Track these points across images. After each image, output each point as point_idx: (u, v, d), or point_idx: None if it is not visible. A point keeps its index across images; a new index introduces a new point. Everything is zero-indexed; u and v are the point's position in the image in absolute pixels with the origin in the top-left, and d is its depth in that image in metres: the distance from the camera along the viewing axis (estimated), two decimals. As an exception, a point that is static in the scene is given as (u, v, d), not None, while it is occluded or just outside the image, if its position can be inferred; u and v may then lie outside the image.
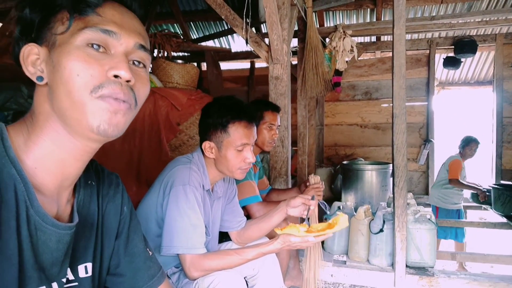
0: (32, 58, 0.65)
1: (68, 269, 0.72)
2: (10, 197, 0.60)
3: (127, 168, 3.12)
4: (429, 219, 2.34)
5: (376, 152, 5.47)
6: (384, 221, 2.36)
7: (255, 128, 1.50)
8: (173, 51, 4.49)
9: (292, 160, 4.66)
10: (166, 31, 4.59)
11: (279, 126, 2.28)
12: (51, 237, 0.66)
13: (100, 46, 0.64)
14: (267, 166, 3.36)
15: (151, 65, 3.85)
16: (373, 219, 2.43)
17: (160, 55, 4.24)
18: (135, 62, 0.69)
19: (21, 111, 3.04)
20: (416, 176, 5.36)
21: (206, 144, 1.47)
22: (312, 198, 1.53)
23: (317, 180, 2.17)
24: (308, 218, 1.55)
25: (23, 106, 3.07)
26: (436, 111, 5.25)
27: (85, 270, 0.76)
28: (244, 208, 2.02)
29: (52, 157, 0.67)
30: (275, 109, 2.23)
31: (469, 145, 4.13)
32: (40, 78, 0.65)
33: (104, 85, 0.62)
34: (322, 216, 2.34)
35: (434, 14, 4.53)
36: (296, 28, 3.84)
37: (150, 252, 0.91)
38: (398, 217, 2.22)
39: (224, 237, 1.78)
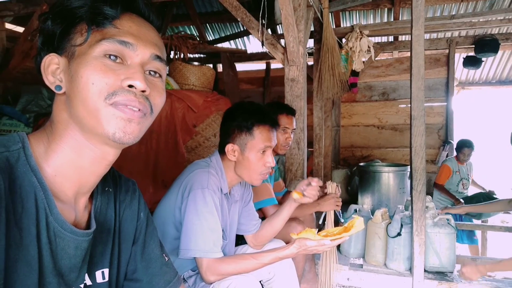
0: (52, 68, 0.67)
1: (86, 275, 0.73)
2: (30, 204, 0.62)
3: (144, 169, 3.16)
4: (448, 223, 2.29)
5: (393, 154, 5.39)
6: (402, 225, 2.32)
7: (276, 133, 1.52)
8: (189, 53, 4.53)
9: (308, 161, 4.64)
10: (183, 33, 4.64)
11: (294, 129, 2.26)
12: (69, 244, 0.67)
13: (117, 57, 0.65)
14: (283, 168, 3.35)
15: (167, 67, 3.90)
16: (390, 223, 2.40)
17: (176, 57, 4.29)
18: (151, 72, 0.70)
19: (42, 113, 3.11)
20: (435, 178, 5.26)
21: (229, 147, 1.49)
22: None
23: (334, 188, 2.13)
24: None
25: (43, 108, 3.15)
26: (455, 111, 5.14)
27: (102, 275, 0.77)
28: (260, 210, 2.02)
29: (71, 165, 0.68)
30: (290, 112, 2.22)
31: (461, 150, 4.06)
32: (59, 87, 0.67)
33: (117, 93, 0.64)
34: (337, 223, 2.32)
35: (453, 13, 4.44)
36: (312, 29, 3.82)
37: (166, 257, 0.91)
38: (417, 221, 2.18)
39: (239, 239, 1.78)
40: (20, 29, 3.51)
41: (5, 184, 0.58)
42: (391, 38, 5.10)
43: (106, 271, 0.78)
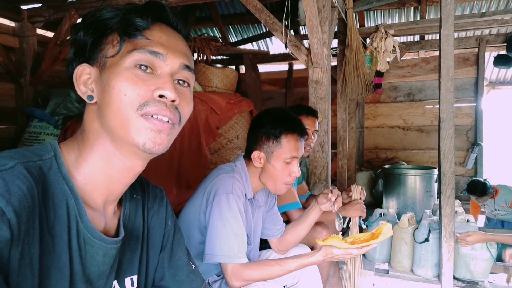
0: (84, 78, 0.69)
1: (115, 281, 0.74)
2: (62, 212, 0.64)
3: (167, 171, 3.20)
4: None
5: (419, 156, 5.25)
6: (429, 230, 2.25)
7: (304, 143, 1.50)
8: (212, 55, 4.56)
9: (331, 164, 4.58)
10: (206, 35, 4.67)
11: (316, 131, 2.23)
12: (98, 251, 0.68)
13: (148, 67, 0.67)
14: (306, 170, 3.32)
15: (195, 76, 3.95)
16: (417, 228, 2.33)
17: (199, 59, 4.32)
18: (179, 81, 0.71)
19: (70, 115, 3.20)
20: (463, 181, 5.07)
21: (256, 154, 1.48)
22: (330, 191, 1.55)
23: (359, 191, 2.08)
24: (343, 218, 1.55)
25: (71, 111, 3.24)
26: (485, 112, 4.95)
27: (131, 282, 0.78)
28: (284, 214, 2.00)
29: (101, 173, 0.69)
30: (311, 113, 2.19)
31: (471, 195, 3.76)
32: (91, 97, 0.68)
33: (149, 103, 0.65)
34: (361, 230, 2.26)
35: (484, 11, 4.29)
36: (336, 29, 3.77)
37: (193, 265, 0.92)
38: (445, 227, 2.11)
39: (263, 244, 1.77)
40: (50, 34, 3.62)
41: (38, 193, 0.60)
42: (417, 38, 4.97)
43: (135, 278, 0.79)
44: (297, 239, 1.68)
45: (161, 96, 0.66)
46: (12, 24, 3.40)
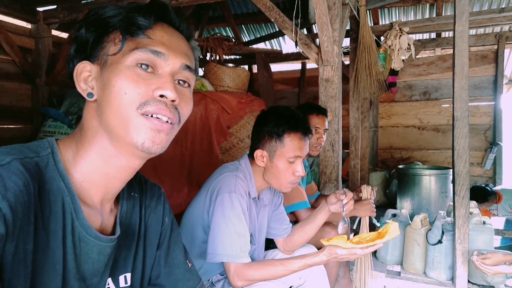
0: (84, 75, 0.69)
1: (110, 279, 0.74)
2: (58, 209, 0.64)
3: (179, 170, 3.22)
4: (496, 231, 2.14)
5: (435, 156, 5.14)
6: (443, 232, 2.19)
7: (309, 141, 1.47)
8: (224, 55, 4.57)
9: (344, 163, 4.52)
10: (218, 34, 4.68)
11: (326, 129, 2.20)
12: (93, 249, 0.68)
13: (149, 66, 0.67)
14: (318, 170, 3.29)
15: (203, 69, 3.96)
16: (430, 229, 2.28)
17: (212, 58, 4.34)
18: (180, 81, 0.71)
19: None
20: (481, 182, 4.93)
21: (258, 153, 1.46)
22: (344, 193, 1.49)
23: (369, 192, 2.05)
24: (348, 219, 1.51)
25: (85, 111, 3.29)
26: (505, 111, 4.80)
27: (124, 280, 0.78)
28: (292, 213, 1.98)
29: (98, 171, 0.70)
30: (320, 111, 2.17)
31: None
32: (91, 94, 0.68)
33: (149, 102, 0.65)
34: (374, 228, 2.22)
35: (503, 6, 4.16)
36: (348, 27, 3.72)
37: (189, 264, 0.91)
38: (459, 228, 2.05)
39: (271, 243, 1.75)
40: (65, 35, 3.68)
41: (34, 189, 0.60)
42: (433, 35, 4.86)
43: (129, 275, 0.79)
44: (305, 240, 1.66)
45: (161, 96, 0.66)
46: (29, 25, 3.48)
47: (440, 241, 2.18)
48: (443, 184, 3.32)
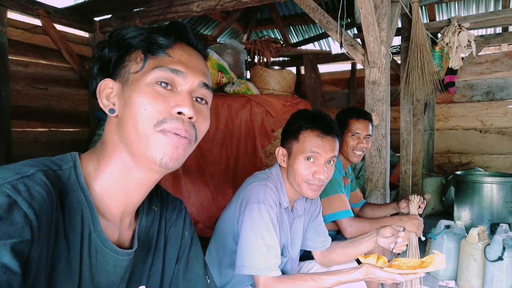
0: (107, 92, 0.72)
1: None
2: (76, 220, 0.66)
3: (224, 173, 3.26)
4: None
5: (499, 161, 4.72)
6: (504, 248, 1.99)
7: (337, 142, 1.39)
8: (272, 57, 4.55)
9: (395, 168, 4.30)
10: (266, 37, 4.68)
11: (369, 135, 2.07)
12: (109, 261, 0.70)
13: (168, 84, 0.69)
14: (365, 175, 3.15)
15: (248, 72, 3.97)
16: (489, 244, 2.08)
17: (260, 61, 4.34)
18: (198, 99, 0.74)
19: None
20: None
21: (279, 151, 1.44)
22: (403, 230, 1.36)
23: (416, 206, 1.88)
24: (394, 253, 1.38)
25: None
26: None
27: None
28: (334, 223, 1.90)
29: (118, 185, 0.72)
30: (361, 115, 2.04)
31: None
32: (112, 110, 0.71)
33: (166, 120, 0.67)
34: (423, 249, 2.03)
35: None
36: (399, 25, 3.53)
37: (209, 280, 0.90)
38: (523, 245, 1.85)
39: (310, 253, 1.69)
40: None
41: (56, 200, 0.62)
42: (498, 29, 4.47)
43: None
44: (344, 261, 1.57)
45: (179, 113, 0.68)
46: (86, 35, 3.72)
47: (500, 258, 1.98)
48: (507, 193, 3.02)
